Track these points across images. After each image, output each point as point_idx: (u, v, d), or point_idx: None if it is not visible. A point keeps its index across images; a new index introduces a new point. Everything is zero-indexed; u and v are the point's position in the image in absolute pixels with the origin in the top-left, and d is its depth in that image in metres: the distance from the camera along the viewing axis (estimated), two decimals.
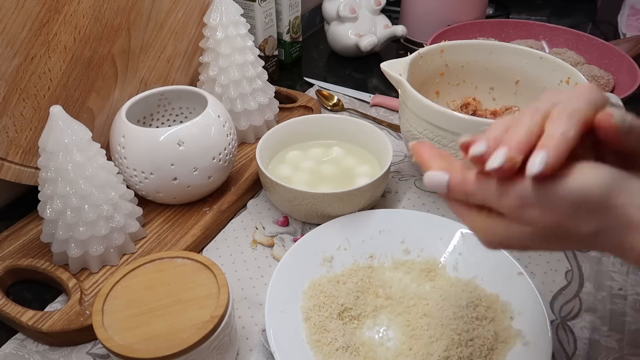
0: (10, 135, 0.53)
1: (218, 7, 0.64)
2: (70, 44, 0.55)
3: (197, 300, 0.41)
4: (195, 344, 0.39)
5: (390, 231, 0.56)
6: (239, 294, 0.53)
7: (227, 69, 0.65)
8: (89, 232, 0.50)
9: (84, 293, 0.50)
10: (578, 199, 0.27)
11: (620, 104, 0.57)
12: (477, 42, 0.69)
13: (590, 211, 0.28)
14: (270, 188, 0.59)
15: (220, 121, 0.57)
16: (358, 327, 0.48)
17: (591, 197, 0.27)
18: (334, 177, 0.63)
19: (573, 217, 0.28)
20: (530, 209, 0.28)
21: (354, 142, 0.67)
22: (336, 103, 0.83)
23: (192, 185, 0.57)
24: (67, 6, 0.53)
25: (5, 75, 0.51)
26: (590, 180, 0.27)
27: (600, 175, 0.27)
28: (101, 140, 0.60)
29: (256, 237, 0.59)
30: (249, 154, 0.69)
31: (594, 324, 0.49)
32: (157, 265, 0.44)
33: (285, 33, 0.89)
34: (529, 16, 1.14)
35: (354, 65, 0.96)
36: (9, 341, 0.49)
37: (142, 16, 0.61)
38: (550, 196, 0.28)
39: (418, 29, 0.99)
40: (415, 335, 0.47)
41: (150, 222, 0.59)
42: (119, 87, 0.62)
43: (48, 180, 0.48)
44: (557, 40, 0.89)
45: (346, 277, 0.51)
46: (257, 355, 0.47)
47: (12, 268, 0.53)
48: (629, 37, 0.98)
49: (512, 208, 0.29)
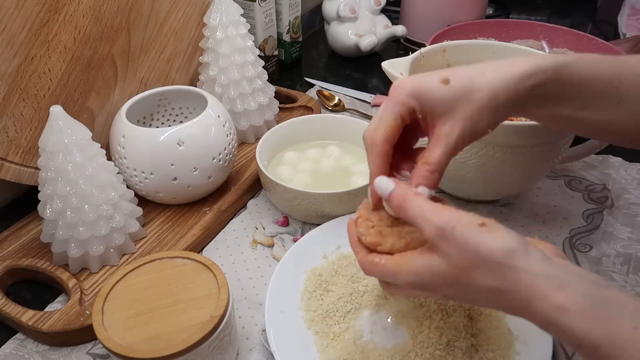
0: (10, 135, 0.53)
1: (218, 7, 0.64)
2: (70, 44, 0.55)
3: (197, 300, 0.41)
4: (195, 344, 0.39)
5: None
6: (239, 294, 0.53)
7: (227, 69, 0.65)
8: (89, 232, 0.50)
9: (84, 293, 0.50)
10: (483, 254, 0.30)
11: None
12: (479, 42, 0.69)
13: (489, 268, 0.30)
14: (270, 188, 0.59)
15: (220, 121, 0.57)
16: (359, 326, 0.48)
17: (493, 257, 0.30)
18: (334, 177, 0.63)
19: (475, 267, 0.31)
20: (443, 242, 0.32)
21: (354, 142, 0.67)
22: (337, 103, 0.83)
23: (192, 185, 0.57)
24: (67, 6, 0.53)
25: (5, 75, 0.51)
26: (499, 241, 0.30)
27: (508, 238, 0.31)
28: (101, 140, 0.60)
29: (256, 237, 0.59)
30: (249, 154, 0.69)
31: None
32: (157, 265, 0.44)
33: (285, 33, 0.89)
34: (529, 16, 1.14)
35: (354, 65, 0.96)
36: (9, 341, 0.49)
37: (142, 16, 0.61)
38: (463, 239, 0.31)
39: (418, 29, 0.99)
40: (415, 333, 0.47)
41: (150, 222, 0.59)
42: (119, 87, 0.62)
43: (48, 180, 0.48)
44: (557, 40, 0.88)
45: (344, 272, 0.51)
46: (257, 355, 0.47)
47: (12, 268, 0.53)
48: (629, 37, 0.98)
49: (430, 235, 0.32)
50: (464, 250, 0.31)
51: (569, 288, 0.29)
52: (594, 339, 0.28)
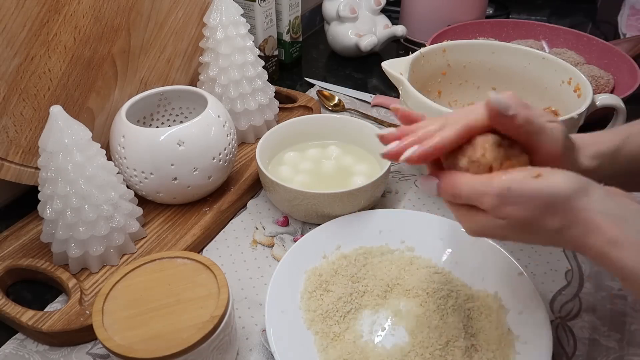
0: (10, 135, 0.53)
1: (218, 7, 0.64)
2: (70, 44, 0.55)
3: (197, 300, 0.41)
4: (195, 344, 0.39)
5: (390, 231, 0.56)
6: (239, 294, 0.53)
7: (227, 69, 0.65)
8: (89, 232, 0.50)
9: (84, 293, 0.50)
10: (546, 199, 0.32)
11: (621, 105, 0.57)
12: (479, 42, 0.69)
13: (556, 210, 0.32)
14: (270, 188, 0.59)
15: (220, 121, 0.57)
16: (359, 326, 0.48)
17: (557, 199, 0.32)
18: (334, 177, 0.63)
19: (542, 215, 0.33)
20: (506, 206, 0.33)
21: (353, 142, 0.67)
22: (337, 103, 0.83)
23: (192, 185, 0.57)
24: (67, 6, 0.53)
25: (5, 75, 0.51)
26: (559, 184, 0.32)
27: (567, 180, 0.32)
28: (101, 140, 0.60)
29: (256, 237, 0.59)
30: (249, 154, 0.69)
31: (594, 324, 0.49)
32: (157, 265, 0.44)
33: (285, 33, 0.89)
34: (529, 16, 1.14)
35: (354, 65, 0.96)
36: (9, 341, 0.49)
37: (142, 16, 0.61)
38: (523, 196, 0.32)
39: (418, 29, 0.99)
40: (415, 333, 0.47)
41: (150, 222, 0.59)
42: (119, 87, 0.62)
43: (48, 180, 0.48)
44: (557, 40, 0.88)
45: (344, 272, 0.51)
46: (257, 355, 0.47)
47: (12, 268, 0.53)
48: (629, 37, 0.98)
49: (492, 205, 0.33)
50: (526, 204, 0.32)
51: (624, 224, 0.31)
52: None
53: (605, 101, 0.57)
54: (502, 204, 0.33)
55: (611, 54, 0.81)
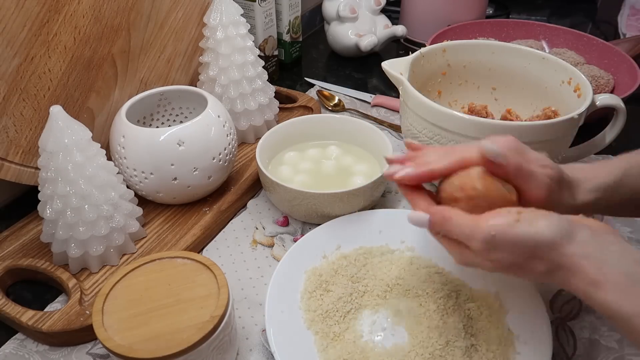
0: (10, 135, 0.53)
1: (218, 7, 0.64)
2: (70, 44, 0.55)
3: (197, 300, 0.41)
4: (195, 344, 0.39)
5: (390, 231, 0.56)
6: (239, 294, 0.53)
7: (227, 69, 0.65)
8: (89, 232, 0.50)
9: (84, 293, 0.51)
10: (531, 247, 0.34)
11: (621, 105, 0.57)
12: (479, 42, 0.69)
13: (541, 256, 0.34)
14: (270, 188, 0.59)
15: (220, 121, 0.57)
16: (359, 326, 0.48)
17: (541, 246, 0.34)
18: (334, 177, 0.63)
19: (527, 260, 0.35)
20: (493, 251, 0.35)
21: (354, 142, 0.67)
22: (337, 103, 0.83)
23: (192, 185, 0.57)
24: (67, 6, 0.53)
25: (5, 75, 0.51)
26: (543, 232, 0.34)
27: (550, 226, 0.34)
28: (101, 140, 0.60)
29: (256, 237, 0.59)
30: (249, 154, 0.69)
31: (594, 324, 0.49)
32: (157, 265, 0.44)
33: (285, 33, 0.89)
34: (529, 16, 1.14)
35: (354, 65, 0.96)
36: (9, 341, 0.49)
37: (142, 16, 0.61)
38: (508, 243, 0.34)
39: (418, 29, 0.99)
40: (415, 333, 0.47)
41: (150, 222, 0.59)
42: (119, 87, 0.62)
43: (48, 180, 0.48)
44: (557, 40, 0.88)
45: (344, 272, 0.51)
46: (257, 355, 0.47)
47: (12, 268, 0.53)
48: (629, 37, 0.98)
49: (479, 250, 0.35)
50: (511, 251, 0.34)
51: (606, 266, 0.33)
52: (625, 312, 0.31)
53: (605, 101, 0.57)
54: (489, 249, 0.35)
55: (611, 54, 0.81)
